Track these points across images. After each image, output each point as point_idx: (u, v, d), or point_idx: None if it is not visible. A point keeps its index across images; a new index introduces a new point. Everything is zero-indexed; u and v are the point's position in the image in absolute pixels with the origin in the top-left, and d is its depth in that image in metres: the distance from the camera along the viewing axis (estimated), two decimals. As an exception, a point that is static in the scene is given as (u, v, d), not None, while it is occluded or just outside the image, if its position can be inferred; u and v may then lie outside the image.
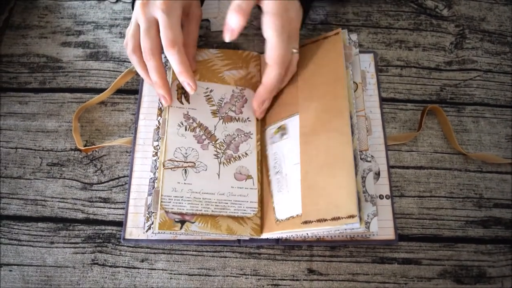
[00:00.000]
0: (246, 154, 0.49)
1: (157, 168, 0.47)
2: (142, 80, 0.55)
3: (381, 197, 0.50)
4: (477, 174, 0.53)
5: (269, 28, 0.44)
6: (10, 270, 0.48)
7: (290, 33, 0.46)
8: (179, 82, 0.49)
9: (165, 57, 0.49)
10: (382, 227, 0.48)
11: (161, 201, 0.44)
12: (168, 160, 0.47)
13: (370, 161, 0.46)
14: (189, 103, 0.51)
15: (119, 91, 0.57)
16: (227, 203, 0.46)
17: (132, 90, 0.57)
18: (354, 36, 0.51)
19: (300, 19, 0.49)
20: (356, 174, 0.43)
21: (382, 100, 0.56)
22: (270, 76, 0.47)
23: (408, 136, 0.54)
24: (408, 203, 0.51)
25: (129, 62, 0.59)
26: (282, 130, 0.50)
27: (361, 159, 0.45)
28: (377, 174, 0.50)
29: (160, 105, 0.50)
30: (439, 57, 0.60)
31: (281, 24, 0.44)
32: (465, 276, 0.48)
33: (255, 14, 0.57)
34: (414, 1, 0.64)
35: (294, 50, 0.48)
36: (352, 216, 0.40)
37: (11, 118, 0.56)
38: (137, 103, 0.55)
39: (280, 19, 0.44)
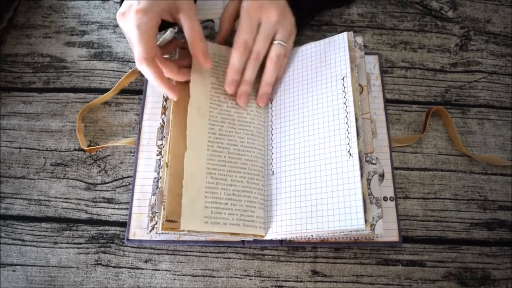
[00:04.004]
0: None
1: (161, 168, 0.46)
2: (146, 80, 0.55)
3: (385, 199, 0.49)
4: (481, 176, 0.53)
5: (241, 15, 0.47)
6: (14, 270, 0.48)
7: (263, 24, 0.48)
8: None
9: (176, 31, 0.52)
10: (386, 229, 0.47)
11: (163, 202, 0.44)
12: None
13: (375, 164, 0.45)
14: None
15: (123, 91, 0.57)
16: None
17: (136, 90, 0.57)
18: (359, 39, 0.51)
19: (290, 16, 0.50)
20: (361, 176, 0.43)
21: (387, 101, 0.56)
22: (232, 58, 0.48)
23: (413, 138, 0.54)
24: (413, 205, 0.51)
25: (133, 62, 0.59)
26: None
27: (366, 161, 0.45)
28: (382, 176, 0.50)
29: (165, 104, 0.50)
30: (444, 58, 0.60)
31: (251, 13, 0.47)
32: (470, 279, 0.48)
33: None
34: (419, 3, 0.64)
35: (275, 42, 0.49)
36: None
37: (15, 118, 0.56)
38: (141, 104, 0.55)
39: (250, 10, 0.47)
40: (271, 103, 0.52)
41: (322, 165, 0.45)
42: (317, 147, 0.46)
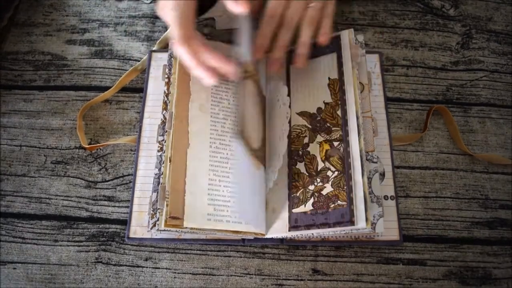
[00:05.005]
0: None
1: (163, 163, 0.46)
2: (147, 78, 0.55)
3: (386, 198, 0.49)
4: (483, 175, 0.53)
5: None
6: (14, 268, 0.48)
7: None
8: None
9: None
10: (387, 228, 0.47)
11: (166, 197, 0.44)
12: None
13: (376, 162, 0.45)
14: None
15: (124, 89, 0.57)
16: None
17: (137, 89, 0.57)
18: (360, 37, 0.51)
19: None
20: (362, 174, 0.43)
21: (388, 99, 0.56)
22: (261, 26, 0.47)
23: (414, 137, 0.54)
24: (414, 204, 0.51)
25: (134, 60, 0.59)
26: None
27: (367, 160, 0.45)
28: (382, 175, 0.50)
29: (166, 99, 0.50)
30: (446, 57, 0.60)
31: None
32: (471, 278, 0.48)
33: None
34: (420, 1, 0.64)
35: (310, 6, 0.47)
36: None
37: (16, 115, 0.56)
38: (142, 102, 0.55)
39: None
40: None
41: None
42: None
